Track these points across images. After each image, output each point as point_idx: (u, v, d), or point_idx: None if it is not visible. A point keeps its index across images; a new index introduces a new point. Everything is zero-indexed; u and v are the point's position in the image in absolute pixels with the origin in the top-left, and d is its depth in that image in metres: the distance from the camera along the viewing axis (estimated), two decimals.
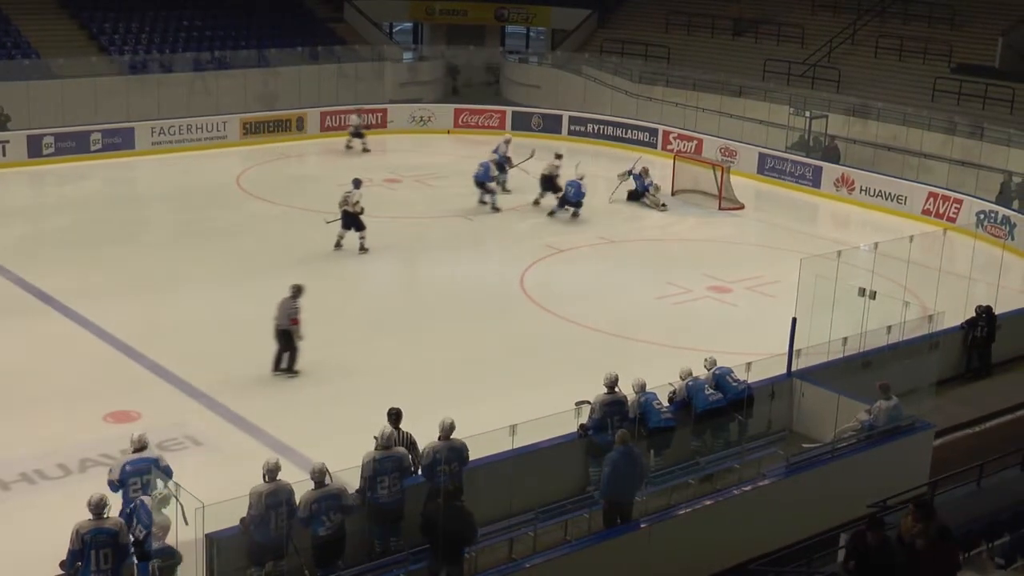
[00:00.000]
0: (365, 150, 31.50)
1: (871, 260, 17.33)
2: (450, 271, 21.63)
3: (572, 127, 33.46)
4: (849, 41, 33.63)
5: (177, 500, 9.88)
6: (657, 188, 26.70)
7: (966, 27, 32.39)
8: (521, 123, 34.50)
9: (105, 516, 9.99)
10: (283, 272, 20.80)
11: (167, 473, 10.95)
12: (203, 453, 14.11)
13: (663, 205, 26.48)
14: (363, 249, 22.41)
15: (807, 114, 29.96)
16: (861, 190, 27.40)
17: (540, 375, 16.50)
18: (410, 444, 11.98)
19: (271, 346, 17.16)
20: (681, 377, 14.04)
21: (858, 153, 28.82)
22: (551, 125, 33.57)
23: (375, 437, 11.58)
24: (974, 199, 25.41)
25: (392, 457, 11.46)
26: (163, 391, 15.86)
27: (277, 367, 16.43)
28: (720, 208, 26.42)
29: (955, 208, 25.60)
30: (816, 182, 28.01)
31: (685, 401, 13.78)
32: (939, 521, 10.29)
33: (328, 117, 33.43)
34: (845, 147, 29.19)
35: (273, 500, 10.54)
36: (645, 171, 27.03)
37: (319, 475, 10.85)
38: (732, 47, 35.59)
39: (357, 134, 31.87)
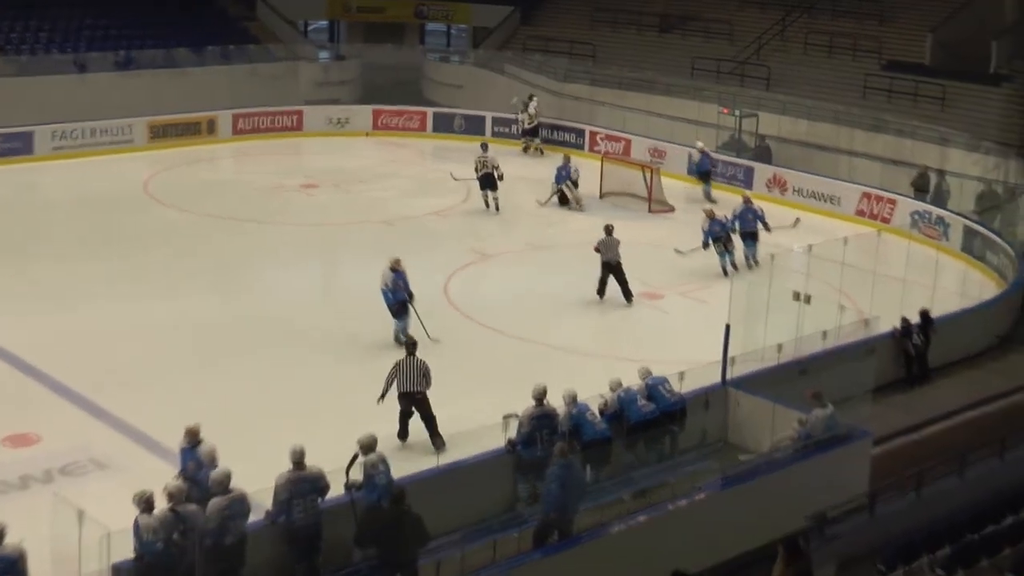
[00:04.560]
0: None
1: (805, 263, 17.47)
2: (369, 279, 21.37)
3: (496, 128, 33.33)
4: (778, 38, 33.94)
5: None
6: (574, 183, 26.71)
7: (895, 23, 32.87)
8: (443, 125, 34.34)
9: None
10: (193, 283, 20.67)
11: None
12: (108, 477, 13.75)
13: (577, 205, 26.51)
14: (498, 208, 25.60)
15: (737, 113, 30.12)
16: (794, 191, 27.59)
17: (464, 387, 16.32)
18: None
19: (180, 362, 16.93)
20: (612, 388, 13.96)
21: (790, 153, 29.04)
22: (474, 126, 33.41)
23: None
24: (908, 199, 25.71)
25: (307, 477, 11.35)
26: (65, 411, 15.48)
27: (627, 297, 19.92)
28: (650, 211, 26.45)
29: (889, 208, 25.87)
30: (748, 183, 28.14)
31: (617, 413, 13.71)
32: (805, 562, 10.38)
33: (241, 119, 33.04)
34: (777, 147, 29.40)
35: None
36: (567, 160, 27.20)
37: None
38: (659, 44, 35.75)
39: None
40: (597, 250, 20.42)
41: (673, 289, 20.96)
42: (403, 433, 14.93)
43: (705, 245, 21.80)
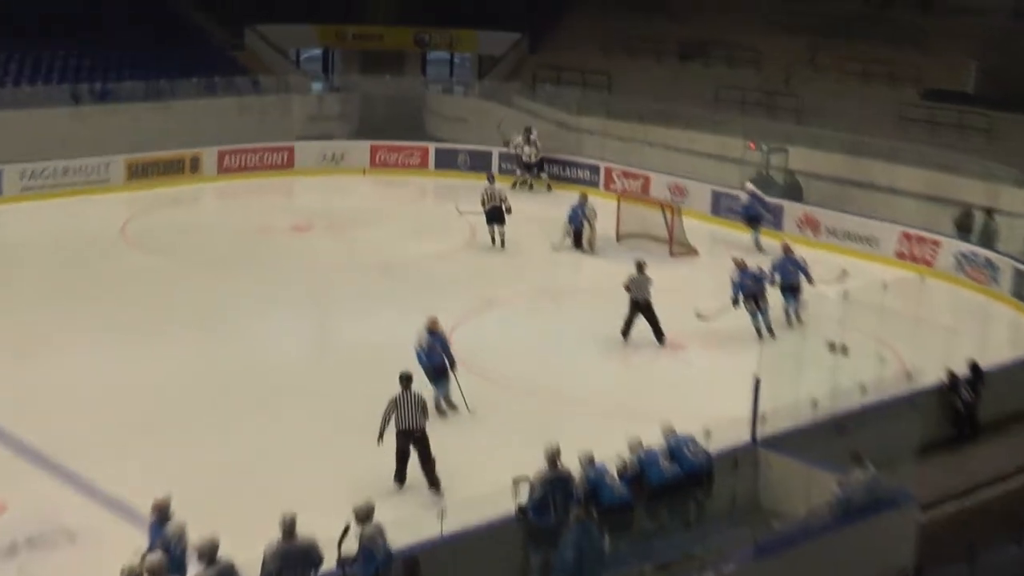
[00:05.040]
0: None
1: (841, 310, 17.36)
2: (367, 330, 21.34)
3: (504, 164, 33.36)
4: (809, 65, 33.98)
5: None
6: (590, 225, 26.67)
7: (935, 49, 32.70)
8: (446, 161, 34.43)
9: None
10: (174, 335, 20.60)
11: None
12: (79, 549, 13.58)
13: (589, 248, 26.54)
14: (503, 244, 26.16)
15: (764, 147, 30.11)
16: (827, 231, 27.51)
17: (470, 447, 16.20)
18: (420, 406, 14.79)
19: (160, 422, 16.79)
20: (631, 448, 13.82)
21: (822, 190, 28.99)
22: (479, 163, 33.42)
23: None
24: (952, 240, 25.58)
25: (299, 547, 11.30)
26: (31, 476, 15.31)
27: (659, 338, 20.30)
28: (672, 255, 26.35)
29: (931, 250, 25.75)
30: (777, 223, 28.08)
31: (637, 476, 13.55)
32: None
33: (227, 157, 33.14)
34: (808, 183, 29.35)
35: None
36: (584, 198, 27.07)
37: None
38: (680, 73, 35.80)
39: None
40: (627, 288, 20.63)
41: (697, 339, 20.81)
42: (400, 475, 14.99)
43: (735, 301, 21.01)
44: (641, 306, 20.56)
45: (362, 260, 25.95)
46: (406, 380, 15.30)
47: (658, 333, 20.56)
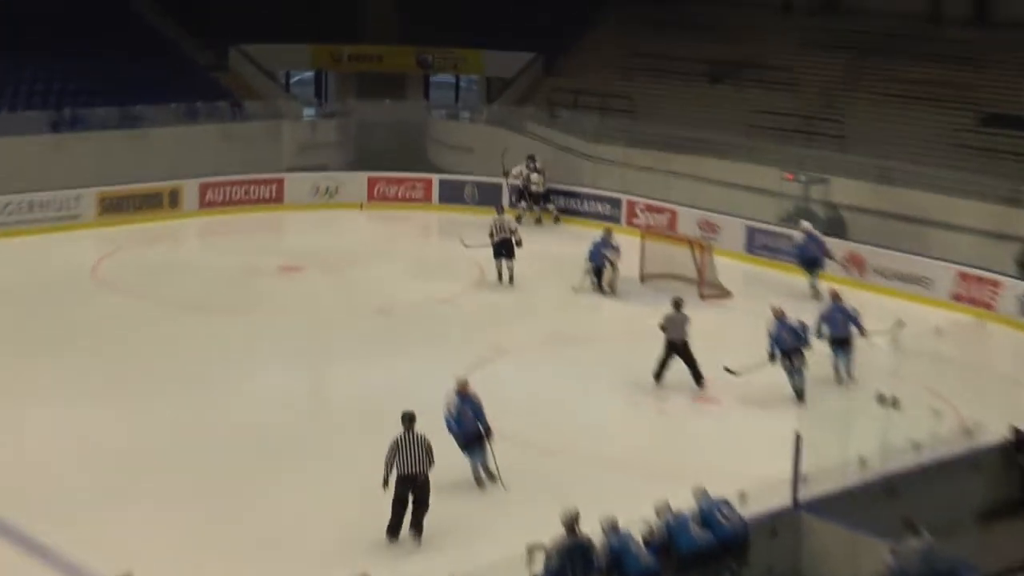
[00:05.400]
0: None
1: (891, 359, 17.30)
2: (365, 381, 21.28)
3: (514, 197, 33.42)
4: (852, 88, 34.03)
5: None
6: (613, 266, 26.68)
7: (993, 69, 32.65)
8: (451, 194, 34.54)
9: None
10: (150, 389, 20.54)
11: None
12: None
13: (610, 289, 26.54)
14: (512, 280, 26.65)
15: (803, 178, 30.12)
16: (874, 271, 27.48)
17: (479, 510, 16.15)
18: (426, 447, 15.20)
19: (135, 487, 16.73)
20: (658, 513, 13.75)
21: (869, 225, 28.97)
22: (488, 196, 33.39)
23: None
24: (1015, 280, 25.50)
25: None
26: None
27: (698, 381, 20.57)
28: (702, 297, 26.26)
29: (991, 292, 25.65)
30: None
31: (665, 543, 13.47)
32: None
33: (209, 190, 33.27)
34: (852, 217, 29.34)
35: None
36: (609, 234, 27.04)
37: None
38: (709, 97, 35.84)
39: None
40: (663, 328, 20.81)
41: (731, 392, 20.70)
42: (395, 527, 15.18)
43: (772, 357, 20.53)
44: (678, 347, 20.74)
45: (359, 304, 25.95)
46: (408, 420, 15.44)
47: (697, 376, 20.74)
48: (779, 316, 20.71)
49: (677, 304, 21.17)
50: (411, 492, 15.20)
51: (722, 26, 37.68)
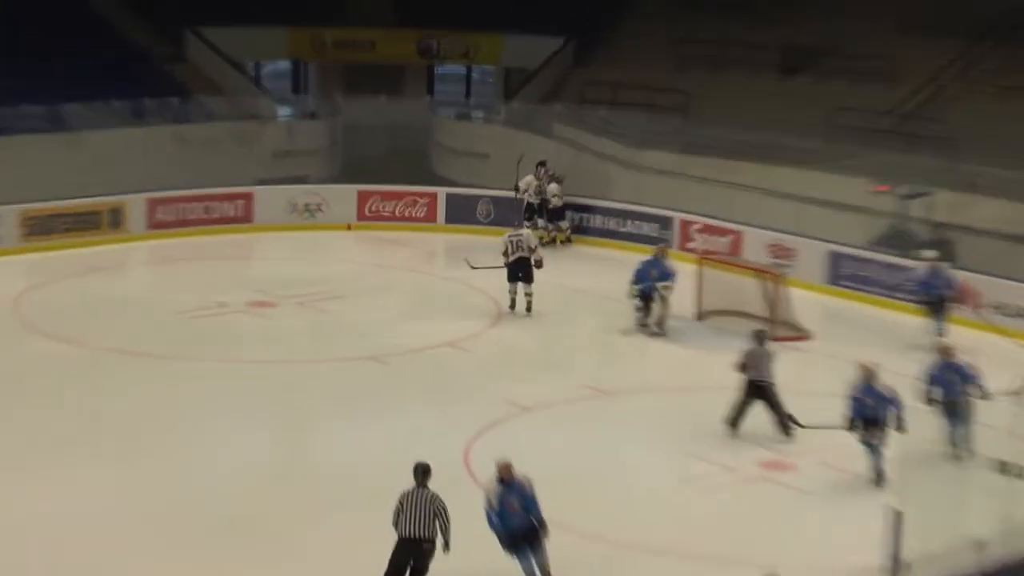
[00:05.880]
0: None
1: (1012, 415, 17.11)
2: (352, 449, 21.20)
3: (565, 219, 33.43)
4: (960, 79, 33.94)
5: None
6: (663, 298, 26.59)
7: None
8: (460, 212, 34.72)
9: None
10: (86, 452, 20.45)
11: None
12: None
13: (657, 328, 26.55)
14: (529, 309, 27.10)
15: (900, 192, 30.01)
16: (992, 308, 27.39)
17: None
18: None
19: (68, 570, 16.46)
20: None
21: (981, 248, 28.86)
22: (506, 215, 33.35)
23: None
24: None
25: None
26: None
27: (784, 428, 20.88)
28: (774, 339, 26.05)
29: None
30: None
31: None
32: None
33: (160, 208, 33.41)
34: (961, 240, 29.25)
35: None
36: (663, 253, 27.13)
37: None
38: (781, 92, 35.92)
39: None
40: (742, 367, 20.97)
41: (810, 455, 20.61)
42: None
43: (851, 425, 19.84)
44: (761, 390, 20.87)
45: (346, 349, 25.90)
46: (421, 473, 15.53)
47: (783, 424, 20.89)
48: (867, 377, 19.98)
49: (759, 337, 21.38)
50: (411, 560, 15.22)
51: (800, 7, 37.64)
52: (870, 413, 19.63)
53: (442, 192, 35.18)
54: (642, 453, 21.12)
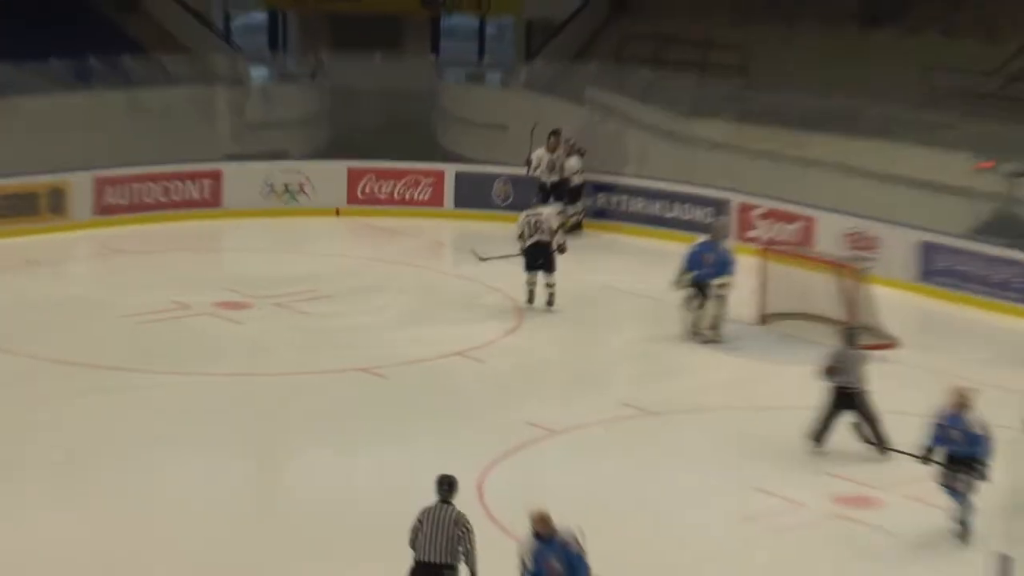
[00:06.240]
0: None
1: None
2: (340, 483, 21.18)
3: (582, 200, 33.46)
4: None
5: None
6: (720, 295, 26.64)
7: None
8: (472, 194, 34.90)
9: None
10: (25, 483, 20.46)
11: None
12: None
13: (711, 333, 26.55)
14: (551, 303, 27.36)
15: (1007, 168, 29.93)
16: None
17: None
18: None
19: None
20: None
21: None
22: (527, 197, 33.20)
23: None
24: None
25: None
26: None
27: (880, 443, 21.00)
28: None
29: None
30: None
31: None
32: None
33: (109, 189, 33.49)
34: None
35: None
36: (720, 233, 27.32)
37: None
38: (862, 48, 35.82)
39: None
40: (829, 371, 21.02)
41: (898, 488, 20.57)
42: None
43: (926, 456, 19.52)
44: (851, 398, 20.90)
45: (335, 361, 25.89)
46: (447, 487, 15.53)
47: (879, 438, 20.99)
48: (960, 404, 19.22)
49: (850, 336, 21.49)
50: None
51: None
52: (955, 449, 19.03)
53: (450, 170, 35.27)
54: (693, 487, 21.01)
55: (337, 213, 34.44)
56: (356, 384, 24.76)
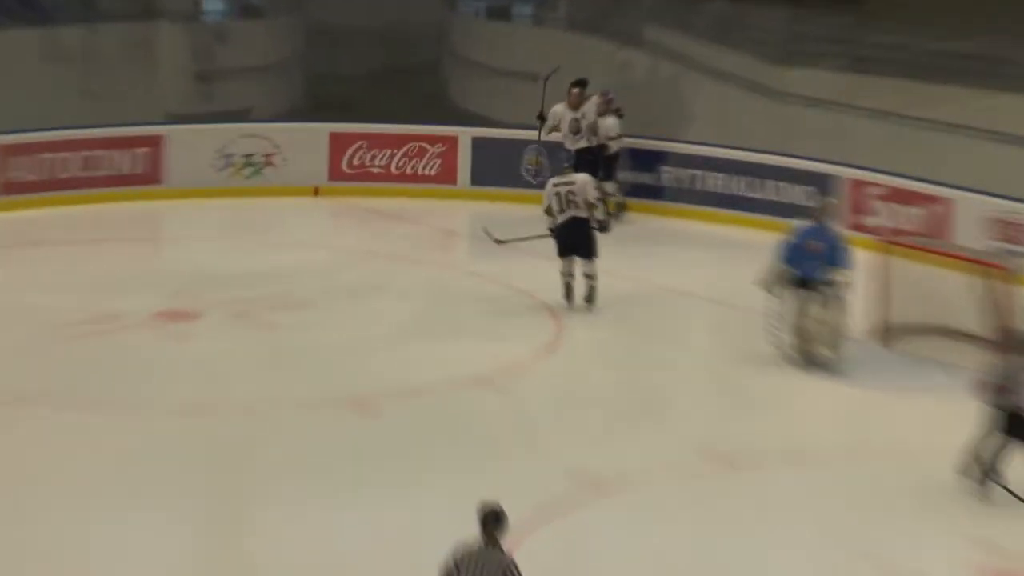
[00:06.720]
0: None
1: None
2: (318, 543, 21.03)
3: (617, 173, 33.27)
4: None
5: None
6: (838, 299, 26.47)
7: None
8: (494, 167, 35.14)
9: None
10: None
11: None
12: None
13: (826, 352, 26.46)
14: (591, 299, 28.02)
15: None
16: None
17: None
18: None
19: None
20: None
21: None
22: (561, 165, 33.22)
23: None
24: None
25: None
26: None
27: None
28: None
29: None
30: None
31: None
32: None
33: (16, 160, 33.88)
34: None
35: None
36: (828, 210, 27.38)
37: None
38: None
39: None
40: (995, 390, 20.89)
41: None
42: None
43: None
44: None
45: (312, 387, 25.87)
46: (493, 521, 15.43)
47: None
48: None
49: (1017, 344, 21.33)
50: None
51: None
52: None
53: (465, 135, 35.39)
54: (789, 557, 20.90)
55: (316, 192, 34.59)
56: (339, 422, 24.65)
